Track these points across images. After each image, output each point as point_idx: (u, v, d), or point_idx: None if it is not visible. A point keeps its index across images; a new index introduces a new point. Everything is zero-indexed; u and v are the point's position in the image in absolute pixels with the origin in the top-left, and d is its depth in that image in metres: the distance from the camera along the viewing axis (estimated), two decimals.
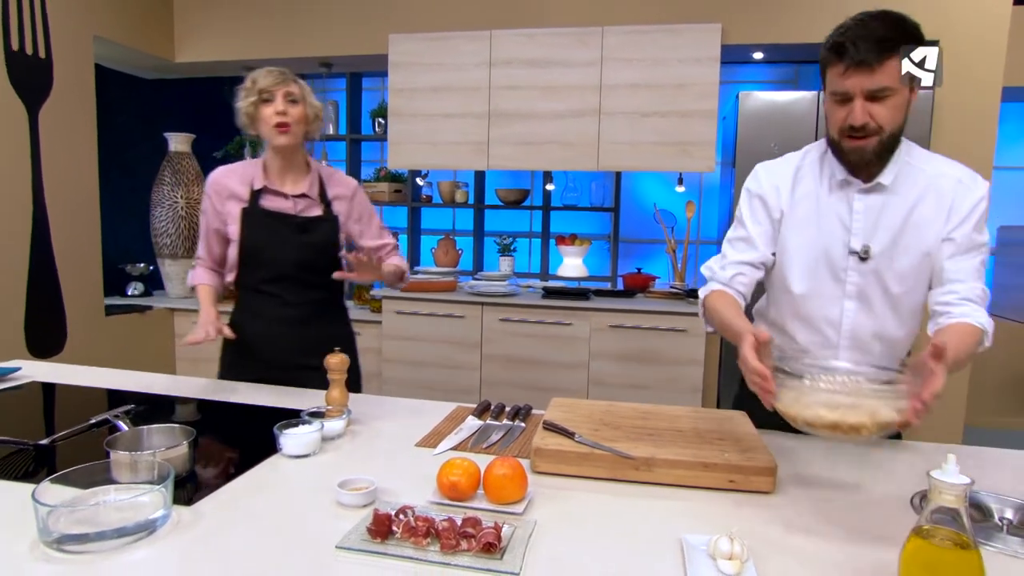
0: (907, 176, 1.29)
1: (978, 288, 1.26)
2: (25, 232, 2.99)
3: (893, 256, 1.30)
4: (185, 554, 0.86)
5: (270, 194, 1.74)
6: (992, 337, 1.25)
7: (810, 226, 1.34)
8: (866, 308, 1.34)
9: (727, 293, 1.36)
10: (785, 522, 1.00)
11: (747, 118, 3.10)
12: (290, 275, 1.75)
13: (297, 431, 1.23)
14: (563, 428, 1.24)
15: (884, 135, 1.22)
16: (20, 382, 1.66)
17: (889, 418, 0.93)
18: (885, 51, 1.15)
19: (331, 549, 0.88)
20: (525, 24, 3.46)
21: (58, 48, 3.10)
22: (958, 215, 1.27)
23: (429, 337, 3.53)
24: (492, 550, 0.87)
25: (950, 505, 0.75)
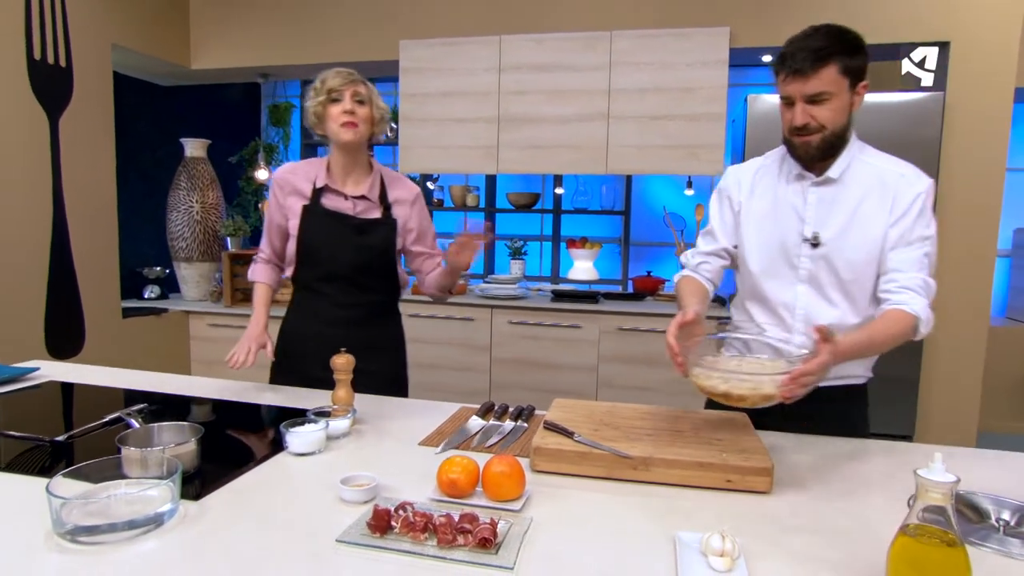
0: (856, 171, 1.41)
1: (919, 278, 1.35)
2: (45, 236, 3.06)
3: (842, 244, 1.40)
4: (191, 546, 0.90)
5: (331, 193, 1.75)
6: (927, 325, 1.33)
7: (768, 217, 1.48)
8: (818, 292, 1.44)
9: (693, 277, 1.54)
10: (780, 521, 1.02)
11: (756, 121, 3.10)
12: (344, 275, 1.76)
13: (302, 430, 1.26)
14: (563, 428, 1.26)
15: (826, 133, 1.35)
16: (38, 381, 1.71)
17: (770, 392, 1.13)
18: (819, 60, 1.31)
19: (331, 542, 0.91)
20: (534, 29, 3.49)
21: (78, 57, 3.18)
22: (900, 208, 1.37)
23: (440, 339, 3.56)
24: (488, 545, 0.89)
25: (937, 503, 0.76)
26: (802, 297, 1.45)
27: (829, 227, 1.41)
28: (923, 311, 1.32)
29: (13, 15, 2.87)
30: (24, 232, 2.96)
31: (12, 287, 2.90)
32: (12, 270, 2.90)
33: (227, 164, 4.28)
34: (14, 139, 2.89)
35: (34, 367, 1.78)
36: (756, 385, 1.15)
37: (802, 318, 1.45)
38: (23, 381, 1.70)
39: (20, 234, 2.93)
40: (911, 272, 1.35)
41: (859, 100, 1.37)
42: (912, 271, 1.35)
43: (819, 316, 1.42)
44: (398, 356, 1.92)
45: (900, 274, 1.36)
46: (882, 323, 1.32)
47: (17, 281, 2.93)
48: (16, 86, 2.90)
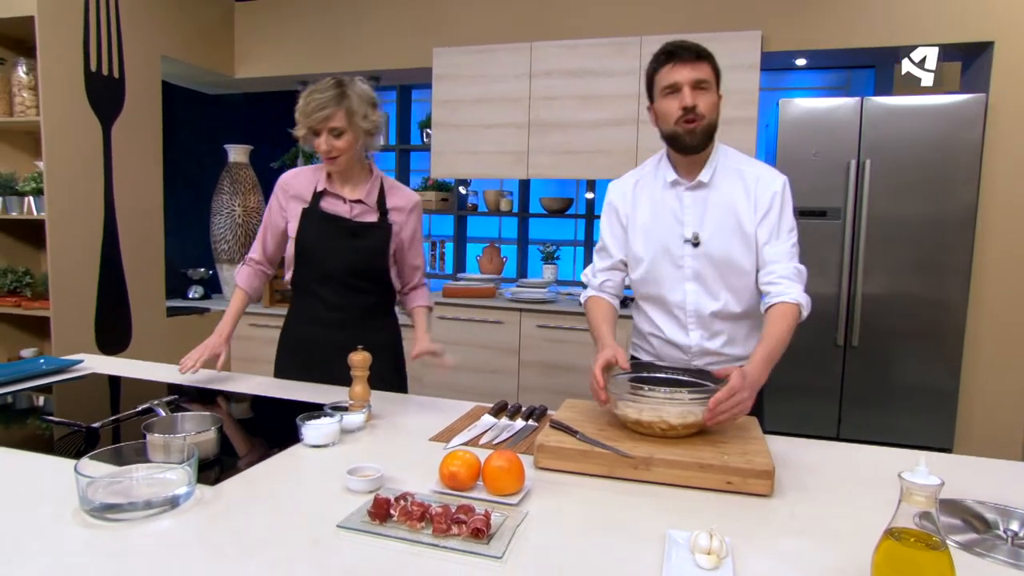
0: (722, 174, 1.55)
1: (791, 267, 1.51)
2: (97, 239, 3.23)
3: (719, 241, 1.54)
4: (202, 526, 0.95)
5: (330, 197, 1.81)
6: (807, 307, 1.49)
7: (651, 223, 1.60)
8: (704, 289, 1.57)
9: (600, 299, 1.67)
10: (778, 524, 1.02)
11: (788, 125, 3.07)
12: (337, 277, 1.81)
13: (317, 423, 1.32)
14: (568, 427, 1.28)
15: (705, 123, 1.48)
16: (82, 373, 1.82)
17: (679, 420, 1.22)
18: (702, 55, 1.48)
19: (333, 528, 0.95)
20: (565, 35, 3.52)
21: (130, 68, 3.35)
22: (763, 206, 1.52)
23: (469, 342, 3.61)
24: (480, 535, 0.92)
25: (921, 507, 0.76)
26: (691, 294, 1.58)
27: (706, 227, 1.55)
28: (800, 296, 1.48)
29: (74, 30, 3.05)
30: (78, 235, 3.13)
31: (67, 286, 3.07)
32: (67, 271, 3.08)
33: (268, 169, 4.44)
34: (71, 146, 3.07)
35: (79, 359, 1.89)
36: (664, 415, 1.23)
37: (693, 313, 1.59)
38: (69, 372, 1.81)
39: (74, 237, 3.11)
40: (784, 262, 1.51)
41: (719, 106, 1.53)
42: (785, 261, 1.51)
43: (707, 309, 1.57)
44: (394, 357, 1.95)
45: (776, 265, 1.51)
46: (774, 325, 1.45)
47: (71, 281, 3.10)
48: (74, 96, 3.08)
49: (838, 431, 3.16)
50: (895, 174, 2.98)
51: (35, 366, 1.78)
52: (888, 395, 3.07)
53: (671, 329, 1.63)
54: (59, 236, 3.02)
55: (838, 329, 3.09)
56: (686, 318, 1.60)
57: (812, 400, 3.16)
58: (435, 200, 4.21)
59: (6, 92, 3.03)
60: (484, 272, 4.21)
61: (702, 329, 1.60)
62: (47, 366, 1.80)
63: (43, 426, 1.43)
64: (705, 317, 1.59)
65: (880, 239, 3.02)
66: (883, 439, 3.09)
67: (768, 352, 1.41)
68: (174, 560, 0.86)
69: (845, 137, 3.02)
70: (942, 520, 1.03)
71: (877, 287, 3.04)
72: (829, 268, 3.09)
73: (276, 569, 0.84)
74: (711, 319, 1.59)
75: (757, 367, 1.36)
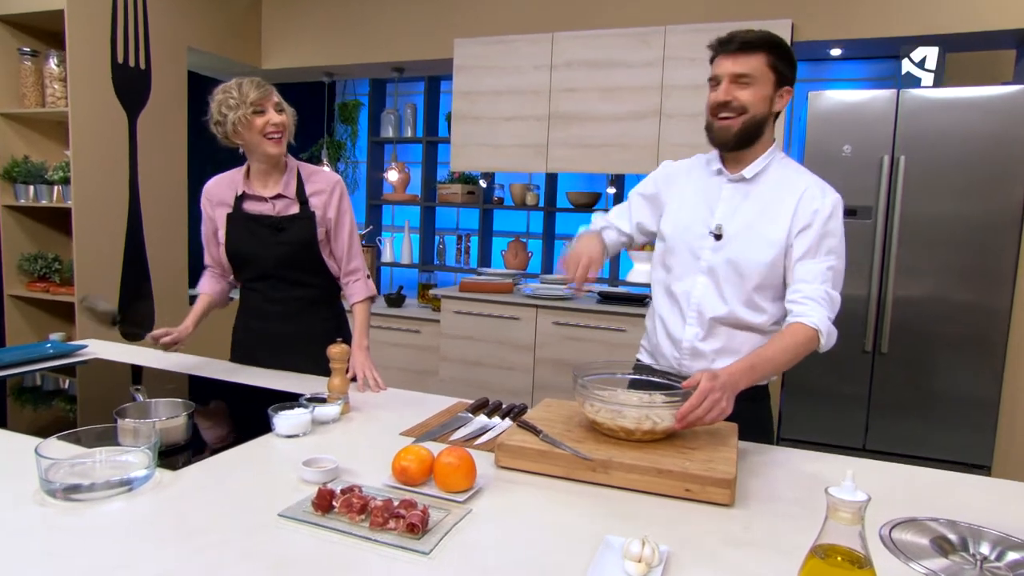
0: (769, 177, 1.49)
1: (822, 290, 1.41)
2: (121, 228, 3.39)
3: (742, 243, 1.48)
4: (151, 509, 1.00)
5: (251, 199, 1.86)
6: (829, 337, 1.39)
7: (685, 206, 1.57)
8: (714, 286, 1.51)
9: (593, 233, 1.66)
10: (728, 535, 1.01)
11: (818, 118, 2.98)
12: (272, 273, 1.86)
13: (289, 413, 1.36)
14: (532, 426, 1.29)
15: (746, 116, 1.43)
16: (85, 358, 1.92)
17: (635, 425, 1.21)
18: (751, 46, 1.41)
19: (275, 516, 0.99)
20: (586, 26, 3.50)
21: (156, 59, 3.49)
22: (802, 220, 1.44)
23: (485, 337, 3.64)
24: (415, 531, 0.94)
25: (846, 524, 0.75)
26: (699, 288, 1.53)
27: (734, 223, 1.49)
28: (823, 323, 1.38)
29: (102, 23, 3.20)
30: (102, 223, 3.28)
31: (91, 273, 3.23)
32: (92, 258, 3.23)
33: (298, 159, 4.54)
34: (97, 136, 3.22)
35: (83, 344, 1.99)
36: (637, 419, 1.22)
37: (695, 308, 1.54)
38: (72, 357, 1.91)
39: (99, 225, 3.26)
40: (815, 284, 1.42)
41: (780, 103, 1.46)
42: (816, 283, 1.42)
43: (711, 309, 1.52)
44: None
45: (805, 285, 1.43)
46: (777, 337, 1.40)
47: (96, 268, 3.26)
48: (101, 87, 3.22)
49: (864, 442, 3.06)
50: (932, 171, 2.87)
51: (42, 350, 1.89)
52: (920, 406, 2.96)
53: (672, 320, 1.58)
54: (84, 224, 3.17)
55: (866, 334, 3.00)
56: (687, 310, 1.55)
57: (837, 408, 3.08)
58: (461, 193, 4.25)
59: (38, 84, 3.19)
60: (509, 267, 4.23)
61: (700, 328, 1.54)
62: (53, 350, 1.90)
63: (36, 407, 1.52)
64: (707, 317, 1.52)
65: (914, 240, 2.91)
66: (913, 452, 2.99)
67: (756, 358, 1.35)
68: (109, 540, 0.91)
69: (879, 131, 2.92)
70: (907, 540, 1.01)
71: (910, 290, 2.94)
72: (858, 270, 2.99)
73: (207, 553, 0.88)
74: (713, 322, 1.52)
75: (736, 369, 1.30)
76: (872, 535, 1.02)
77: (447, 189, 4.31)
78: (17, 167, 3.16)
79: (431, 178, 4.52)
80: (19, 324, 3.34)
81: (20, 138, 3.27)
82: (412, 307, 4.19)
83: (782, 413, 3.18)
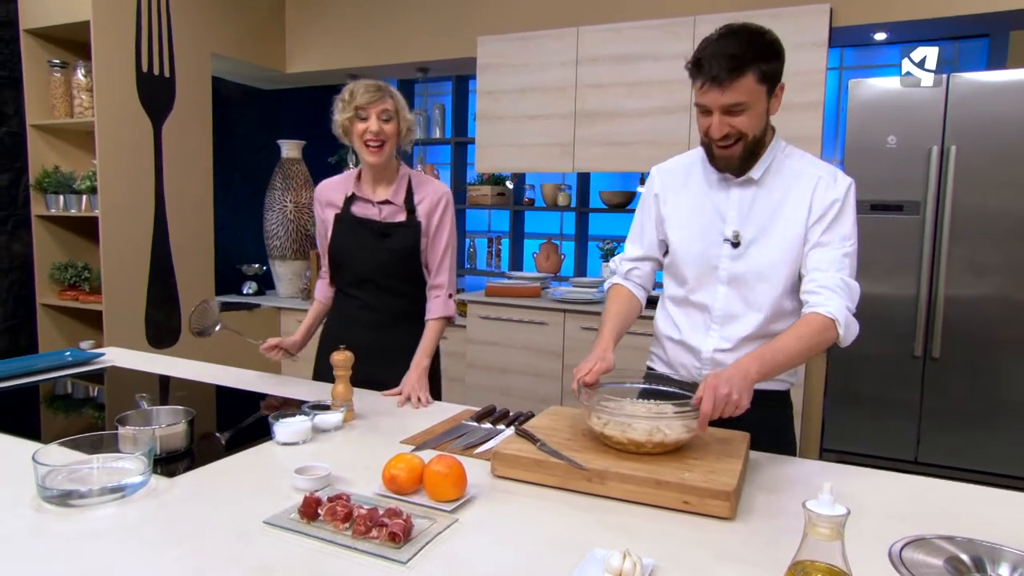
0: (776, 172, 1.46)
1: (837, 278, 1.38)
2: (147, 236, 3.53)
3: (762, 246, 1.46)
4: (142, 515, 1.05)
5: (360, 201, 1.91)
6: (848, 328, 1.36)
7: (693, 216, 1.53)
8: (738, 295, 1.49)
9: (622, 287, 1.63)
10: (724, 550, 1.00)
11: (859, 109, 2.91)
12: (371, 279, 1.90)
13: (288, 421, 1.41)
14: (530, 434, 1.30)
15: (747, 140, 1.39)
16: (103, 366, 2.02)
17: (645, 437, 1.20)
18: (736, 70, 1.31)
19: (261, 524, 1.03)
20: (612, 18, 3.49)
21: (180, 67, 3.63)
22: (818, 210, 1.42)
23: (512, 343, 3.66)
24: (396, 540, 0.97)
25: (825, 539, 0.74)
26: (721, 299, 1.51)
27: (749, 227, 1.47)
28: (840, 312, 1.35)
29: (126, 33, 3.35)
30: (129, 232, 3.43)
31: (119, 282, 3.38)
32: (119, 267, 3.38)
33: (326, 164, 4.66)
34: (122, 145, 3.37)
35: (100, 352, 2.09)
36: (649, 431, 1.20)
37: (720, 320, 1.51)
38: (90, 365, 2.01)
39: (125, 233, 3.41)
40: (831, 272, 1.39)
41: (777, 103, 1.42)
42: (831, 271, 1.39)
43: (738, 318, 1.49)
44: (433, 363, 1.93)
45: (820, 273, 1.40)
46: (792, 329, 1.36)
47: (123, 277, 3.40)
48: (126, 96, 3.38)
49: (916, 454, 2.97)
50: (986, 161, 2.76)
51: (61, 358, 1.99)
52: (978, 415, 2.85)
53: (690, 330, 1.55)
54: (111, 232, 3.32)
55: (916, 338, 2.90)
56: (711, 321, 1.52)
57: (886, 418, 2.99)
58: (491, 195, 4.28)
59: (67, 95, 3.37)
60: (540, 270, 4.23)
61: (724, 338, 1.51)
62: (72, 358, 2.00)
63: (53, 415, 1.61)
64: (734, 326, 1.50)
65: (966, 235, 2.81)
66: (972, 466, 2.88)
67: (766, 348, 1.31)
68: (96, 546, 0.96)
69: (927, 120, 2.83)
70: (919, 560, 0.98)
71: (962, 290, 2.83)
72: (906, 268, 2.90)
73: (190, 560, 0.92)
74: (740, 328, 1.49)
75: (743, 360, 1.27)
76: (882, 554, 0.99)
77: (477, 191, 4.35)
78: (48, 177, 3.34)
79: (461, 180, 4.57)
80: (51, 333, 3.51)
81: (51, 149, 3.45)
82: None
83: (825, 423, 3.10)
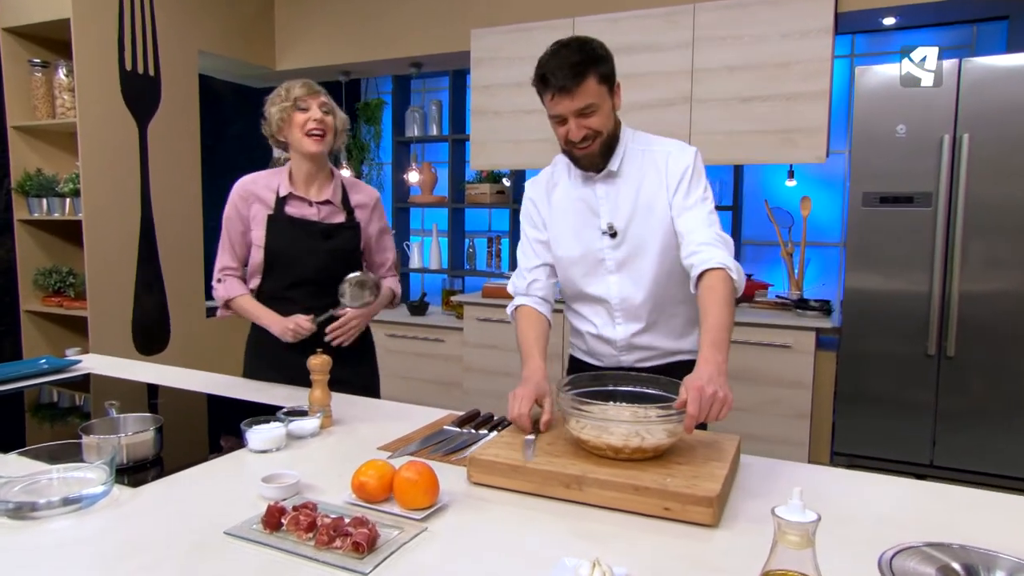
0: (631, 159, 1.60)
1: (711, 233, 1.51)
2: (134, 239, 3.54)
3: (636, 229, 1.59)
4: (99, 527, 1.05)
5: (295, 200, 1.93)
6: (739, 273, 1.45)
7: (569, 219, 1.65)
8: (628, 279, 1.62)
9: (528, 309, 1.67)
10: (702, 559, 0.98)
11: (866, 97, 2.88)
12: (312, 280, 1.93)
13: (262, 428, 1.40)
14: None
15: (603, 137, 1.53)
16: (79, 373, 2.02)
17: (622, 442, 1.19)
18: (579, 75, 1.44)
19: (222, 534, 1.02)
20: (609, 8, 3.48)
21: (165, 65, 3.65)
22: (674, 180, 1.56)
23: (510, 346, 3.64)
24: (360, 550, 0.96)
25: (794, 548, 0.72)
26: (614, 287, 1.63)
27: (620, 216, 1.60)
28: (727, 260, 1.45)
29: (108, 30, 3.36)
30: (114, 235, 3.44)
31: (104, 287, 3.39)
32: (104, 271, 3.39)
33: None
34: (106, 146, 3.38)
35: (77, 359, 2.09)
36: (625, 435, 1.19)
37: (620, 306, 1.64)
38: (66, 372, 2.01)
39: (110, 237, 3.42)
40: (703, 229, 1.51)
41: (619, 100, 1.57)
42: (703, 228, 1.52)
43: (635, 299, 1.62)
44: (371, 363, 2.08)
45: (694, 234, 1.52)
46: (707, 301, 1.42)
47: (109, 281, 3.42)
48: (109, 96, 3.39)
49: (932, 457, 2.93)
50: (1002, 150, 2.73)
51: (36, 366, 2.00)
52: (997, 416, 2.81)
53: (602, 323, 1.68)
54: (95, 236, 3.34)
55: (930, 336, 2.87)
56: (613, 311, 1.65)
57: (899, 420, 2.95)
58: (490, 193, 4.27)
59: (48, 95, 3.38)
60: None
61: (631, 322, 1.64)
62: (48, 366, 2.01)
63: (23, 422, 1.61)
64: (634, 308, 1.63)
65: (981, 228, 2.77)
66: (989, 469, 2.84)
67: (710, 334, 1.37)
68: (47, 559, 0.95)
69: (938, 108, 2.80)
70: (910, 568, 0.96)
71: (978, 285, 2.80)
72: (918, 263, 2.87)
73: (143, 573, 0.92)
74: (640, 309, 1.63)
75: (706, 357, 1.31)
76: (871, 563, 0.98)
77: (475, 189, 4.34)
78: (30, 180, 3.35)
79: (459, 178, 4.56)
80: (36, 340, 3.53)
81: (33, 151, 3.47)
82: (436, 315, 4.24)
83: (835, 426, 3.07)
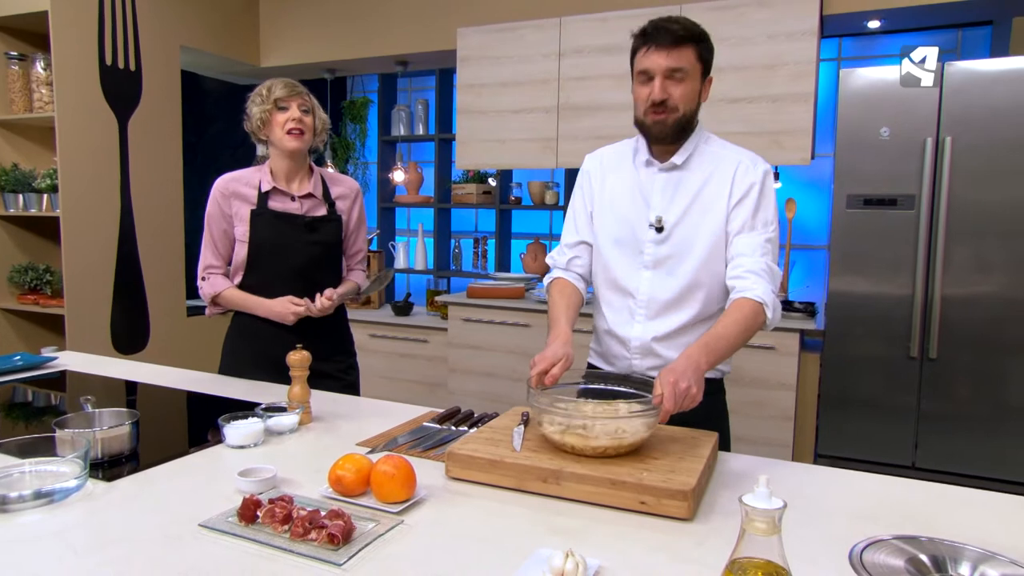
0: (698, 158, 1.59)
1: (761, 263, 1.50)
2: (113, 236, 3.53)
3: (684, 230, 1.57)
4: (71, 520, 1.06)
5: (278, 195, 1.97)
6: (775, 312, 1.47)
7: (621, 202, 1.63)
8: (662, 279, 1.59)
9: (565, 281, 1.69)
10: (677, 551, 1.00)
11: (850, 100, 2.92)
12: (298, 273, 1.97)
13: (239, 423, 1.41)
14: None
15: (679, 115, 1.51)
16: (54, 370, 2.02)
17: (598, 444, 1.20)
18: (681, 40, 1.47)
19: (196, 527, 1.03)
20: (597, 8, 3.51)
21: (147, 60, 3.64)
22: (739, 191, 1.54)
23: (495, 346, 3.66)
24: (335, 541, 0.97)
25: (762, 535, 0.75)
26: (645, 283, 1.60)
27: (672, 212, 1.58)
28: (767, 295, 1.46)
29: (88, 24, 3.35)
30: (93, 232, 3.43)
31: (82, 285, 3.37)
32: (82, 269, 3.37)
33: None
34: (86, 142, 3.36)
35: (53, 356, 2.09)
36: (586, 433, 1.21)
37: (644, 304, 1.61)
38: (41, 369, 2.01)
39: (89, 234, 3.41)
40: (755, 257, 1.51)
41: (707, 92, 1.56)
42: (756, 256, 1.51)
43: (662, 301, 1.59)
44: (352, 360, 2.13)
45: (744, 259, 1.51)
46: (727, 316, 1.45)
47: (86, 279, 3.40)
48: (89, 91, 3.38)
49: (914, 459, 2.97)
50: (984, 154, 2.78)
51: (10, 362, 1.99)
52: (980, 418, 2.86)
53: (618, 318, 1.65)
54: (73, 233, 3.32)
55: (912, 338, 2.91)
56: (636, 307, 1.62)
57: (882, 422, 2.99)
58: (476, 193, 4.28)
59: (26, 88, 3.37)
60: (528, 271, 4.24)
61: (651, 321, 1.61)
62: (22, 362, 2.00)
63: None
64: (658, 309, 1.59)
65: (964, 231, 2.82)
66: (971, 471, 2.88)
67: (708, 337, 1.39)
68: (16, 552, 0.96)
69: (921, 111, 2.84)
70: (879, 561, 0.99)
71: (960, 288, 2.85)
72: (901, 265, 2.91)
73: (114, 565, 0.93)
74: (665, 312, 1.59)
75: (690, 351, 1.34)
76: (842, 555, 1.00)
77: (461, 189, 4.36)
78: (5, 175, 3.33)
79: (445, 178, 4.57)
80: (11, 338, 3.51)
81: (9, 145, 3.45)
82: (420, 315, 4.25)
83: (819, 428, 3.11)
